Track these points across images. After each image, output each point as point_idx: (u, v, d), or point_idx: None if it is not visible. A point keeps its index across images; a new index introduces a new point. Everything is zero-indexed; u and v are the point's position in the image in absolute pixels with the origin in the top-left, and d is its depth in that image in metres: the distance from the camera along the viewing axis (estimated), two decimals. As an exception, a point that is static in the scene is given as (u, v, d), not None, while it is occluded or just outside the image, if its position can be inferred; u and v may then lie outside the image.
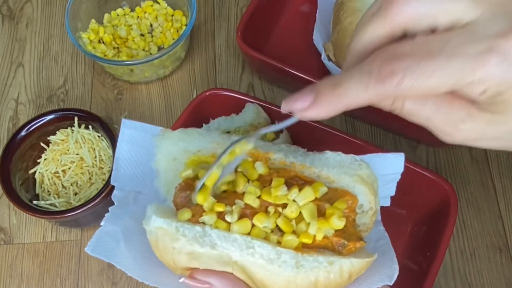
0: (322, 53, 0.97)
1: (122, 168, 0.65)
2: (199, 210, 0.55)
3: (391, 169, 0.65)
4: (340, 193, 0.57)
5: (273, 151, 0.59)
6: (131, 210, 0.63)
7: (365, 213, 0.58)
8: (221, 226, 0.55)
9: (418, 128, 0.91)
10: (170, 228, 0.54)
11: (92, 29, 1.00)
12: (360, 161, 0.59)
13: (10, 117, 1.00)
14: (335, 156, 0.59)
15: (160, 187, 0.63)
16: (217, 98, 0.87)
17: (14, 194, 0.81)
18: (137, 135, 0.65)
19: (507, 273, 0.85)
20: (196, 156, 0.61)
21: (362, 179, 0.57)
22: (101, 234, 0.59)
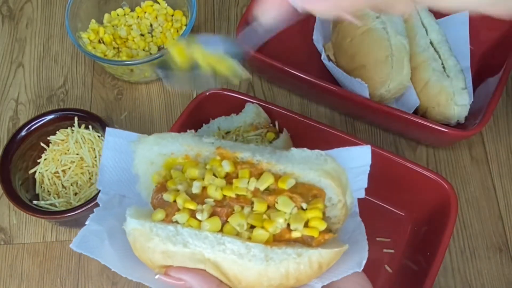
0: (322, 53, 0.97)
1: (107, 174, 0.68)
2: (172, 210, 0.58)
3: (360, 161, 0.66)
4: (308, 188, 0.59)
5: (240, 151, 0.61)
6: (116, 212, 0.65)
7: (334, 206, 0.60)
8: (193, 224, 0.57)
9: (418, 129, 0.91)
10: (144, 229, 0.57)
11: (92, 29, 1.00)
12: (325, 156, 0.61)
13: (10, 117, 1.00)
14: (300, 152, 0.62)
15: (141, 190, 0.66)
16: (217, 98, 0.87)
17: (14, 194, 0.81)
18: (120, 142, 0.69)
19: (507, 273, 0.85)
20: (171, 159, 0.63)
21: (327, 173, 0.59)
22: (85, 233, 0.61)
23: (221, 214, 0.57)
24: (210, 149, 0.62)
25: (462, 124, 0.91)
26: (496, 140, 0.96)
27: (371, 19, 0.89)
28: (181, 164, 0.63)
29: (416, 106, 0.91)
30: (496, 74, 0.91)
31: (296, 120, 0.85)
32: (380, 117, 0.90)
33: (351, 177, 0.63)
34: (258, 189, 0.58)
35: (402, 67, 0.87)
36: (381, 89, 0.88)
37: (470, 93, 0.92)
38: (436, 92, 0.89)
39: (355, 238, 0.63)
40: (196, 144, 0.63)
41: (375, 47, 0.88)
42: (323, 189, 0.59)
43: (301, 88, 0.98)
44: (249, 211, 0.57)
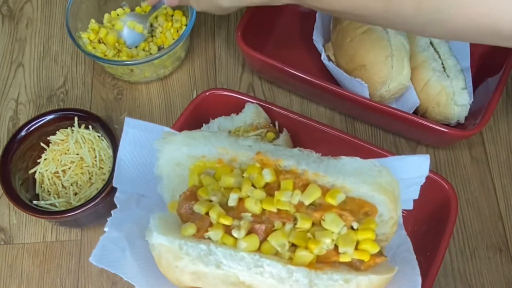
0: (322, 53, 0.97)
1: (124, 170, 0.63)
2: (204, 225, 0.52)
3: (415, 172, 0.60)
4: (359, 204, 0.53)
5: (283, 158, 0.54)
6: (134, 214, 0.60)
7: (385, 223, 0.54)
8: (228, 242, 0.51)
9: (418, 129, 0.92)
10: (172, 246, 0.51)
11: (92, 29, 1.00)
12: (380, 166, 0.55)
13: (10, 117, 1.00)
14: (352, 162, 0.55)
15: (164, 193, 0.60)
16: (217, 98, 0.87)
17: (14, 194, 0.81)
18: (141, 135, 0.62)
19: (507, 273, 0.85)
20: (201, 162, 0.57)
21: (382, 187, 0.53)
22: (105, 242, 0.56)
23: (260, 231, 0.51)
24: (248, 154, 0.55)
25: (462, 124, 0.91)
26: (496, 140, 0.96)
27: (371, 19, 0.89)
28: (213, 169, 0.56)
29: (416, 106, 0.91)
30: (496, 74, 0.91)
31: (296, 120, 0.85)
32: (380, 117, 0.90)
33: (402, 188, 0.56)
34: (303, 203, 0.52)
35: (402, 67, 0.87)
36: (381, 89, 0.88)
37: (470, 93, 0.92)
38: (436, 92, 0.89)
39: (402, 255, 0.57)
40: (232, 147, 0.56)
41: (375, 47, 0.88)
42: (375, 205, 0.53)
43: (301, 88, 0.98)
44: (291, 228, 0.51)
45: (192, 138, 0.57)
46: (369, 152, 0.82)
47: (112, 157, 0.84)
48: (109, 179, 0.80)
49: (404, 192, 0.57)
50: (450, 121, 0.90)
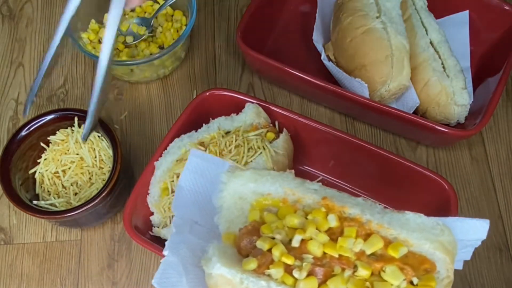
0: (322, 53, 0.97)
1: (183, 197, 0.65)
2: (265, 261, 0.53)
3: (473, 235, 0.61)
4: (419, 259, 0.53)
5: (348, 205, 0.56)
6: (187, 239, 0.62)
7: (440, 281, 0.54)
8: (287, 281, 0.52)
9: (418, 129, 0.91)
10: (234, 279, 0.52)
11: (92, 29, 1.00)
12: (443, 225, 0.56)
13: (10, 117, 1.00)
14: (416, 218, 0.56)
15: (221, 223, 0.61)
16: (217, 98, 0.87)
17: (14, 194, 0.81)
18: (203, 166, 0.65)
19: (507, 273, 0.85)
20: (265, 199, 0.59)
21: (443, 247, 0.54)
22: (165, 266, 0.58)
23: (319, 274, 0.52)
24: (314, 197, 0.57)
25: (462, 124, 0.92)
26: (496, 140, 0.96)
27: (371, 19, 0.89)
28: (276, 207, 0.58)
29: (416, 106, 0.91)
30: (496, 74, 0.91)
31: (296, 120, 0.85)
32: (380, 117, 0.90)
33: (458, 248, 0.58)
34: (364, 252, 0.53)
35: (402, 67, 0.87)
36: (381, 89, 0.88)
37: (470, 93, 0.92)
38: (436, 92, 0.89)
39: None
40: (298, 188, 0.58)
41: (375, 47, 0.88)
42: (435, 263, 0.54)
43: (301, 88, 0.98)
44: (350, 275, 0.52)
45: (260, 175, 0.59)
46: (369, 152, 0.82)
47: (112, 157, 0.84)
48: (109, 179, 0.80)
49: (458, 253, 0.58)
50: (450, 121, 0.90)
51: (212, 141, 0.83)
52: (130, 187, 0.87)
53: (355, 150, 0.83)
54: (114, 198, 0.83)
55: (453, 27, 0.99)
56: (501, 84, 0.88)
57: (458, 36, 0.99)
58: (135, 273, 0.86)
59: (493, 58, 0.98)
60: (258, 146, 0.81)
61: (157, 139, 0.97)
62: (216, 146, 0.81)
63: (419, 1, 0.95)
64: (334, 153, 0.86)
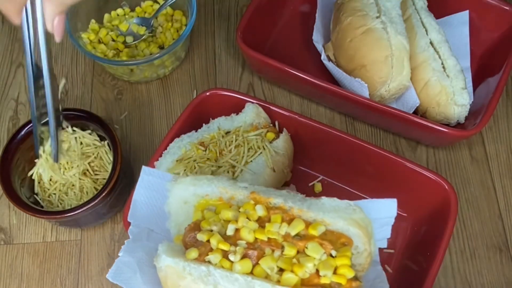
0: (322, 53, 0.97)
1: (138, 208, 0.73)
2: (205, 250, 0.60)
3: (385, 213, 0.71)
4: (337, 235, 0.61)
5: (273, 196, 0.64)
6: (145, 245, 0.70)
7: (360, 254, 0.62)
8: (225, 265, 0.59)
9: (418, 129, 0.91)
10: (177, 267, 0.59)
11: (92, 29, 1.00)
12: (354, 206, 0.64)
13: (10, 117, 1.00)
14: (331, 202, 0.64)
15: (171, 227, 0.70)
16: (217, 98, 0.87)
17: (14, 194, 0.81)
18: (153, 181, 0.74)
19: (507, 273, 0.85)
20: (204, 200, 0.67)
21: (356, 223, 0.61)
22: (119, 264, 0.66)
23: (252, 256, 0.59)
24: (244, 193, 0.65)
25: (462, 124, 0.92)
26: (496, 140, 0.96)
27: (371, 19, 0.89)
28: (214, 205, 0.66)
29: (416, 106, 0.91)
30: (496, 74, 0.91)
31: (296, 120, 0.85)
32: (380, 117, 0.90)
33: (375, 227, 0.65)
34: (289, 234, 0.60)
35: (402, 67, 0.87)
36: (381, 89, 0.88)
37: (470, 93, 0.92)
38: (436, 92, 0.89)
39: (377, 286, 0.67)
40: (231, 187, 0.66)
41: (375, 47, 0.88)
42: (351, 238, 0.61)
43: (301, 88, 0.98)
44: (279, 254, 0.59)
45: (198, 180, 0.67)
46: (369, 152, 0.82)
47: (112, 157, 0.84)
48: (109, 180, 0.80)
49: (377, 232, 0.67)
50: (450, 121, 0.90)
51: (212, 141, 0.83)
52: (130, 187, 0.87)
53: (355, 150, 0.83)
54: (114, 198, 0.83)
55: (453, 27, 0.99)
56: (501, 84, 0.88)
57: (458, 36, 0.99)
58: (135, 273, 0.86)
59: (493, 58, 0.98)
60: (258, 146, 0.81)
61: (157, 139, 0.97)
62: (216, 146, 0.81)
63: (419, 1, 0.95)
64: (334, 153, 0.86)
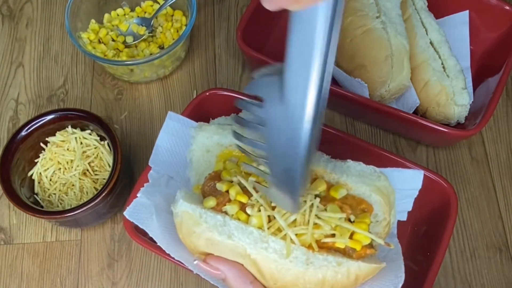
0: (322, 53, 0.97)
1: (160, 154, 0.72)
2: (223, 200, 0.59)
3: (409, 184, 0.68)
4: (357, 200, 0.59)
5: None
6: (163, 191, 0.68)
7: (379, 223, 0.61)
8: (241, 217, 0.58)
9: (418, 129, 0.91)
10: (194, 213, 0.58)
11: (92, 29, 1.00)
12: (379, 173, 0.62)
13: (10, 117, 1.00)
14: (356, 166, 0.63)
15: (191, 176, 0.68)
16: (217, 98, 0.87)
17: (14, 194, 0.81)
18: (178, 128, 0.72)
19: (507, 273, 0.85)
20: (228, 150, 0.65)
21: (379, 190, 0.60)
22: (137, 204, 0.65)
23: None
24: None
25: (462, 124, 0.92)
26: (496, 140, 0.96)
27: (371, 19, 0.89)
28: (237, 157, 0.65)
29: (416, 106, 0.91)
30: (496, 74, 0.91)
31: (296, 120, 0.85)
32: (380, 117, 0.90)
33: (398, 198, 0.64)
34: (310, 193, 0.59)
35: (402, 67, 0.87)
36: (381, 89, 0.88)
37: (470, 93, 0.92)
38: (436, 92, 0.89)
39: (391, 257, 0.64)
40: None
41: (375, 47, 0.88)
42: (372, 205, 0.60)
43: (301, 88, 0.97)
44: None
45: (223, 129, 0.66)
46: (369, 152, 0.82)
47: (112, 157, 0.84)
48: (109, 180, 0.80)
49: (398, 203, 0.65)
50: (450, 121, 0.90)
51: (212, 141, 0.83)
52: (130, 187, 0.87)
53: (355, 150, 0.83)
54: (114, 198, 0.83)
55: (453, 27, 0.99)
56: (501, 84, 0.88)
57: (458, 36, 0.99)
58: (135, 273, 0.86)
59: (493, 58, 0.98)
60: (258, 146, 0.81)
61: (157, 139, 0.97)
62: (216, 146, 0.82)
63: (419, 1, 0.95)
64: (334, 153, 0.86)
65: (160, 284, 0.85)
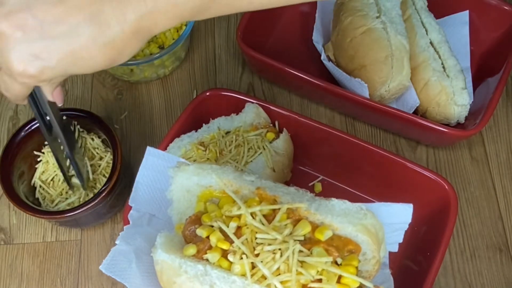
0: (322, 53, 0.97)
1: (140, 191, 0.70)
2: (204, 247, 0.57)
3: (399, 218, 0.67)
4: (344, 241, 0.58)
5: (280, 194, 0.60)
6: (145, 231, 0.67)
7: (367, 261, 0.59)
8: (223, 265, 0.56)
9: (418, 129, 0.91)
10: (173, 264, 0.57)
11: (92, 29, 1.00)
12: (366, 210, 0.60)
13: (10, 117, 1.00)
14: (341, 204, 0.60)
15: (173, 215, 0.66)
16: (217, 98, 0.87)
17: (14, 194, 0.81)
18: (158, 163, 0.70)
19: (507, 273, 0.85)
20: (208, 191, 0.63)
21: (365, 229, 0.58)
22: (115, 253, 0.63)
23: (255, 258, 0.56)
24: (250, 188, 0.61)
25: (462, 124, 0.92)
26: (496, 140, 0.96)
27: (371, 19, 0.89)
28: (218, 198, 0.63)
29: (416, 106, 0.91)
30: (496, 74, 0.91)
31: (296, 120, 0.85)
32: (380, 117, 0.90)
33: (387, 231, 0.62)
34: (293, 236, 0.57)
35: (402, 67, 0.87)
36: (381, 89, 0.88)
37: (470, 93, 0.92)
38: (436, 92, 0.89)
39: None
40: (236, 180, 0.62)
41: (375, 47, 0.88)
42: (359, 244, 0.58)
43: (301, 88, 0.98)
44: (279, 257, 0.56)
45: (202, 169, 0.64)
46: (369, 152, 0.82)
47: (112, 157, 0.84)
48: (109, 179, 0.80)
49: (389, 236, 0.64)
50: (450, 121, 0.90)
51: (212, 141, 0.83)
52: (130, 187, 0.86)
53: (355, 150, 0.83)
54: (114, 198, 0.83)
55: (453, 27, 0.99)
56: (501, 84, 0.88)
57: (458, 36, 0.99)
58: (135, 273, 0.86)
59: (493, 58, 0.98)
60: (258, 146, 0.81)
61: (157, 139, 0.97)
62: (216, 146, 0.81)
63: (419, 1, 0.95)
64: (334, 153, 0.86)
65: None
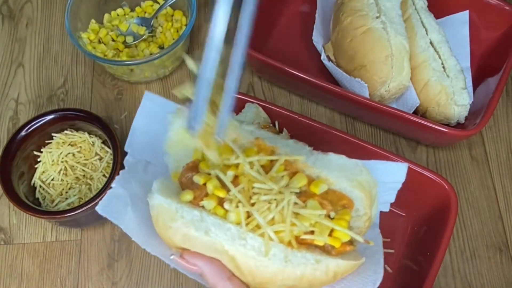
0: (322, 53, 0.97)
1: (136, 137, 0.68)
2: (200, 194, 0.57)
3: (393, 177, 0.66)
4: (338, 196, 0.58)
5: (279, 145, 0.60)
6: (140, 177, 0.65)
7: (359, 217, 0.60)
8: (219, 212, 0.56)
9: (418, 129, 0.91)
10: (170, 208, 0.56)
11: (92, 29, 1.00)
12: (362, 166, 0.60)
13: (10, 117, 1.00)
14: (338, 159, 0.60)
15: (169, 163, 0.65)
16: (217, 98, 0.87)
17: (14, 194, 0.81)
18: (156, 109, 0.68)
19: (507, 273, 0.85)
20: None
21: (360, 185, 0.58)
22: (110, 196, 0.61)
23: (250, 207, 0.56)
24: (249, 137, 0.61)
25: (462, 124, 0.92)
26: (496, 140, 0.96)
27: (371, 19, 0.89)
28: None
29: (416, 106, 0.91)
30: (496, 74, 0.91)
31: (296, 120, 0.85)
32: (380, 117, 0.90)
33: (381, 190, 0.62)
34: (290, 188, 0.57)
35: (402, 67, 0.87)
36: (381, 89, 0.88)
37: (470, 93, 0.92)
38: (436, 92, 0.89)
39: (372, 249, 0.63)
40: (235, 129, 0.61)
41: (375, 47, 0.88)
42: (353, 200, 0.58)
43: (301, 88, 0.98)
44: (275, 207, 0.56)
45: None
46: (369, 152, 0.82)
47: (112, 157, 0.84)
48: (109, 179, 0.80)
49: (381, 195, 0.63)
50: (450, 121, 0.90)
51: (212, 141, 0.83)
52: (130, 187, 0.87)
53: (355, 150, 0.83)
54: (114, 198, 0.83)
55: (453, 27, 0.99)
56: (501, 84, 0.88)
57: (458, 36, 0.99)
58: (135, 273, 0.86)
59: (493, 58, 0.98)
60: (258, 146, 0.81)
61: (157, 139, 0.97)
62: (216, 146, 0.81)
63: (419, 1, 0.95)
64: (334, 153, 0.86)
65: (160, 284, 0.85)
